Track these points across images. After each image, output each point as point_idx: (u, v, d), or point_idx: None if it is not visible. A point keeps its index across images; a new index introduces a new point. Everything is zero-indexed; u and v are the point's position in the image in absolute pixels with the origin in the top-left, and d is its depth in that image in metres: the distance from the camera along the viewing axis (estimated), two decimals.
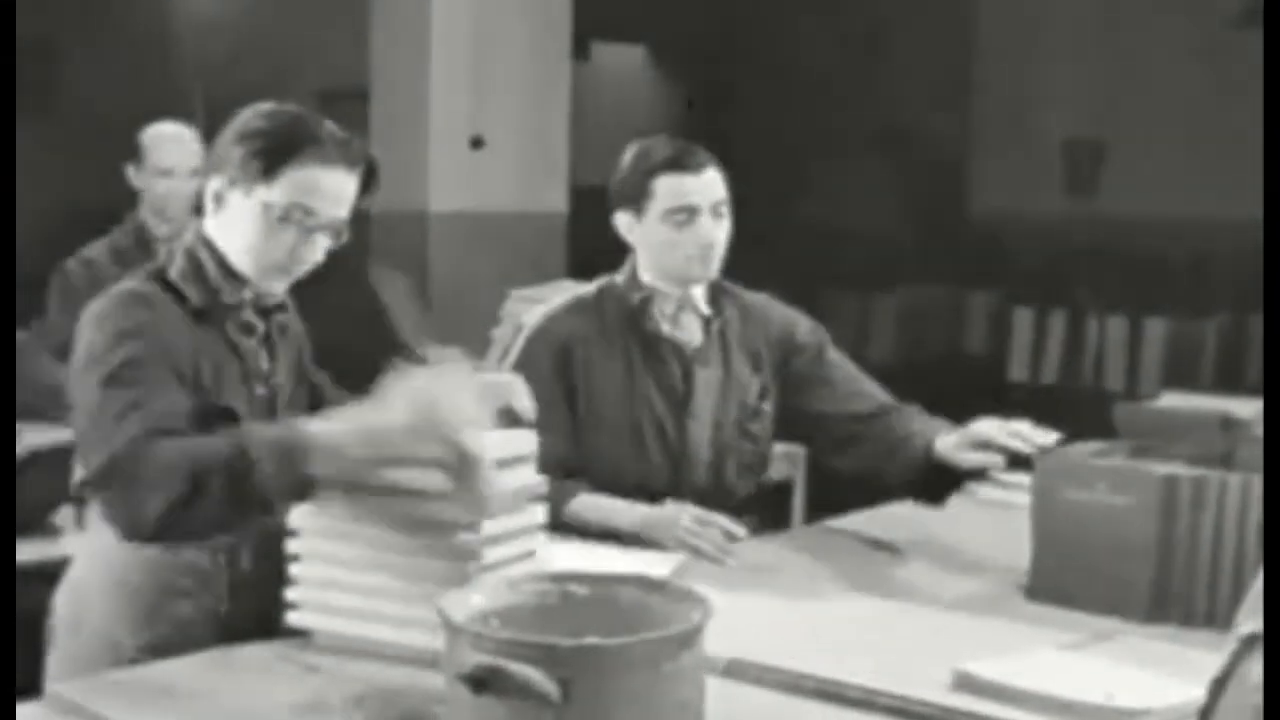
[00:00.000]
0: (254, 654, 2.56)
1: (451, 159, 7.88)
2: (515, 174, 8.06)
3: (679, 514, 3.35)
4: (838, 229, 10.82)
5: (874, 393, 3.71)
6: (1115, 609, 2.88)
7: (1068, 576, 2.99)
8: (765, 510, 3.67)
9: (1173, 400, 3.45)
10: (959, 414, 3.48)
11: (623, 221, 3.63)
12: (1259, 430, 3.17)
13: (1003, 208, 10.81)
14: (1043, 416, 3.30)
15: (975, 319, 10.61)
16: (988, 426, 3.33)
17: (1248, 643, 1.62)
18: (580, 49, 9.52)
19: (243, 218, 2.73)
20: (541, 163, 8.16)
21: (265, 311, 2.84)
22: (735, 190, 3.55)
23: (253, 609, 2.72)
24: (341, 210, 2.76)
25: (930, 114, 11.28)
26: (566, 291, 3.84)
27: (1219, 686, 1.66)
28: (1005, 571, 3.18)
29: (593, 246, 7.35)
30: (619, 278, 3.69)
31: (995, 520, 3.66)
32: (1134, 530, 2.90)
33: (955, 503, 3.79)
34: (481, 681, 1.88)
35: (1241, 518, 2.86)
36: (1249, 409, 3.28)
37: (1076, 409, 5.12)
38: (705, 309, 3.66)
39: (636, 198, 3.57)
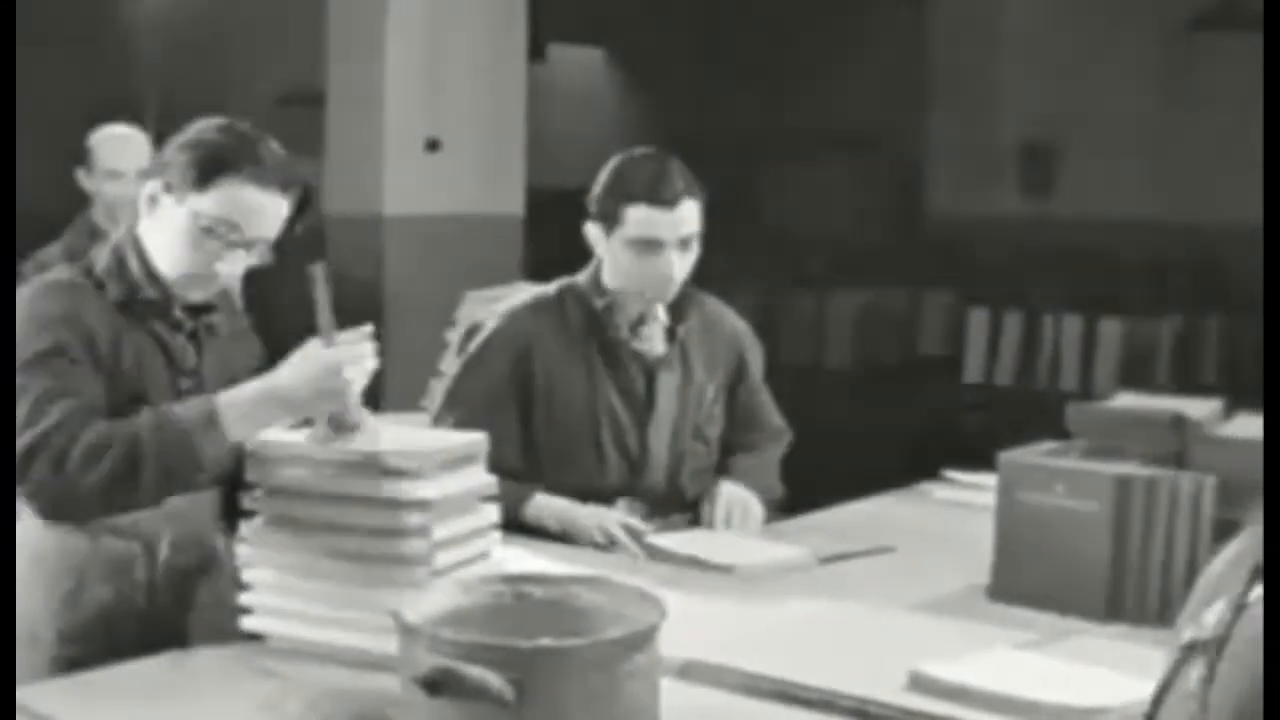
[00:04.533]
0: (210, 658, 2.56)
1: (407, 162, 7.85)
2: (471, 177, 8.04)
3: (604, 518, 3.45)
4: (795, 231, 10.85)
5: (756, 422, 3.87)
6: (1074, 609, 2.89)
7: (1027, 577, 3.00)
8: None
9: (1126, 400, 3.46)
10: (916, 414, 3.51)
11: (592, 232, 3.62)
12: (1212, 430, 3.19)
13: (959, 210, 10.85)
14: (998, 417, 3.33)
15: (931, 320, 10.64)
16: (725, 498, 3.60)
17: (1187, 650, 1.63)
18: (537, 51, 9.51)
19: (171, 223, 2.79)
20: (498, 165, 8.14)
21: (194, 310, 2.88)
22: None
23: (171, 598, 2.78)
24: (268, 231, 2.82)
25: (888, 117, 11.31)
26: (524, 292, 3.84)
27: (1161, 694, 1.68)
28: (965, 572, 3.19)
29: (549, 249, 7.34)
30: (581, 279, 3.69)
31: (954, 521, 3.68)
32: (1089, 531, 2.92)
33: (913, 503, 3.83)
34: (436, 684, 1.88)
35: (1194, 517, 2.89)
36: (1202, 409, 3.29)
37: (1032, 409, 5.14)
38: (665, 319, 3.67)
39: (607, 217, 3.56)
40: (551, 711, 1.90)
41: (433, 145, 7.94)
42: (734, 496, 3.60)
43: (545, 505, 3.48)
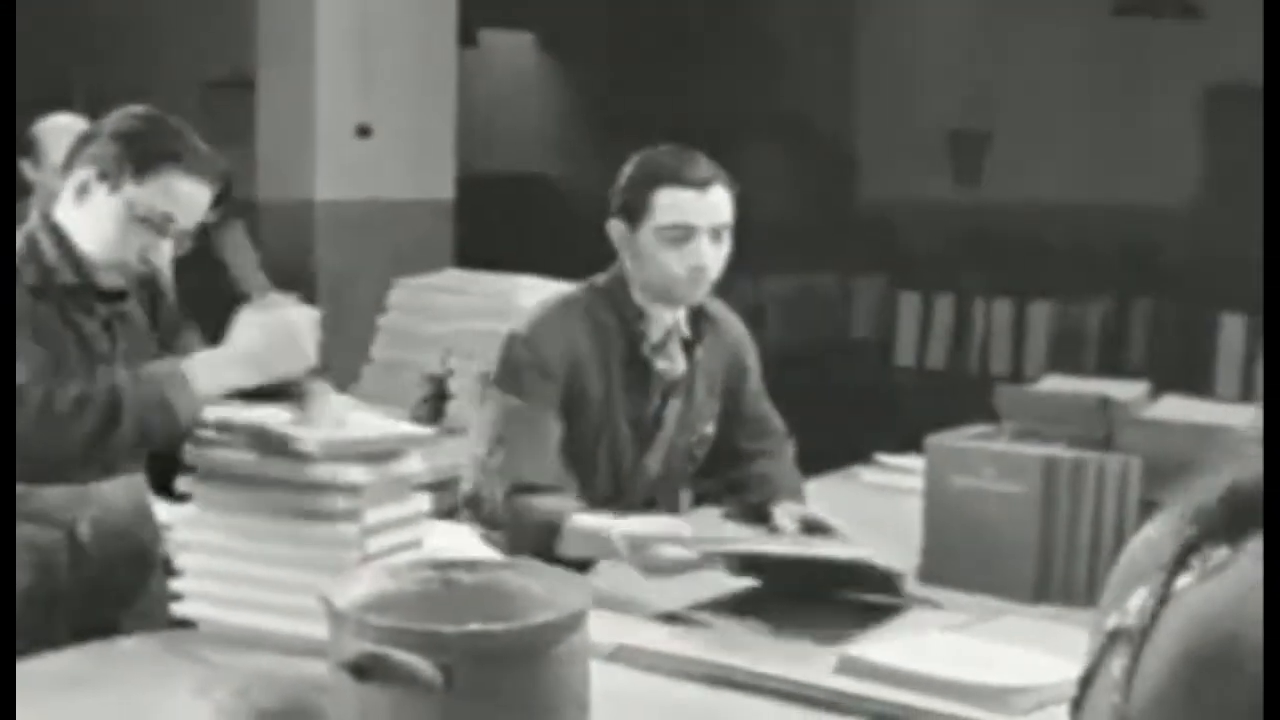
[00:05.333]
0: (140, 645, 2.55)
1: (338, 147, 7.83)
2: (402, 162, 8.03)
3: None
4: None
5: (766, 427, 3.67)
6: (1003, 590, 2.92)
7: (957, 559, 3.03)
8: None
9: (1053, 384, 3.49)
10: (848, 398, 3.52)
11: (616, 230, 3.36)
12: (1138, 412, 3.23)
13: (891, 196, 10.91)
14: (929, 400, 3.34)
15: (863, 304, 10.69)
16: (823, 519, 3.31)
17: (1111, 637, 1.65)
18: (468, 36, 9.49)
19: (104, 212, 2.80)
20: (428, 151, 8.13)
21: (106, 297, 2.89)
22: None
23: (97, 586, 2.79)
24: (193, 220, 2.85)
25: (821, 104, 11.35)
26: (551, 293, 3.57)
27: (1087, 681, 1.69)
28: (895, 554, 3.21)
29: (479, 233, 7.32)
30: (601, 280, 3.44)
31: (884, 504, 3.70)
32: (1017, 513, 2.94)
33: (843, 486, 3.85)
34: (364, 670, 1.88)
35: (1121, 498, 2.92)
36: (1128, 391, 3.32)
37: (962, 392, 5.17)
38: (687, 333, 3.47)
39: (633, 208, 3.32)
40: (480, 697, 1.90)
41: (364, 131, 7.92)
42: (794, 510, 3.39)
43: (586, 533, 3.08)
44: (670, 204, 3.28)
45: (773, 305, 10.49)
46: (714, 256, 3.33)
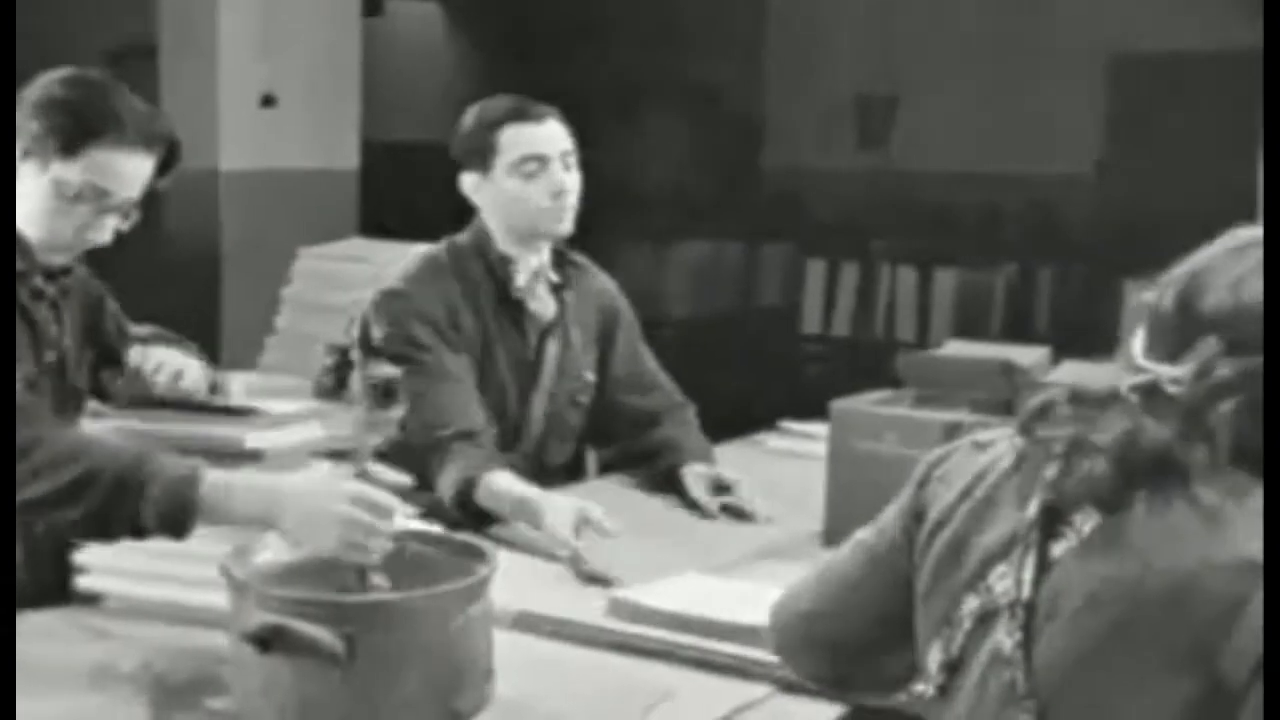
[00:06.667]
0: (42, 620, 2.52)
1: (242, 117, 7.76)
2: (307, 131, 7.96)
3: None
4: (634, 184, 10.85)
5: (662, 390, 3.76)
6: None
7: (860, 523, 3.02)
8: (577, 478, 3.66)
9: (955, 349, 3.52)
10: (755, 366, 3.53)
11: (469, 182, 3.48)
12: (1039, 377, 3.25)
13: (796, 162, 10.91)
14: (835, 366, 3.36)
15: (769, 271, 10.71)
16: (732, 479, 3.43)
17: (981, 620, 1.67)
18: (372, 5, 9.42)
19: (34, 192, 2.68)
20: (333, 120, 8.06)
21: (51, 275, 2.80)
22: None
23: (49, 575, 2.68)
24: (135, 192, 2.72)
25: (727, 71, 11.34)
26: (409, 256, 3.62)
27: (952, 669, 1.71)
28: (800, 519, 3.23)
29: (384, 203, 7.27)
30: (463, 238, 3.54)
31: (789, 469, 3.72)
32: None
33: (749, 452, 3.87)
34: (266, 640, 1.88)
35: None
36: (1030, 356, 3.35)
37: (869, 359, 5.20)
38: (554, 276, 3.57)
39: (481, 153, 3.44)
40: (383, 665, 1.90)
41: (268, 100, 7.85)
42: (707, 474, 3.48)
43: (502, 492, 3.19)
44: (517, 140, 3.41)
45: (679, 273, 10.49)
46: (572, 181, 3.47)
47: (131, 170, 2.69)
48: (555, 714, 2.19)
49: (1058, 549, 1.61)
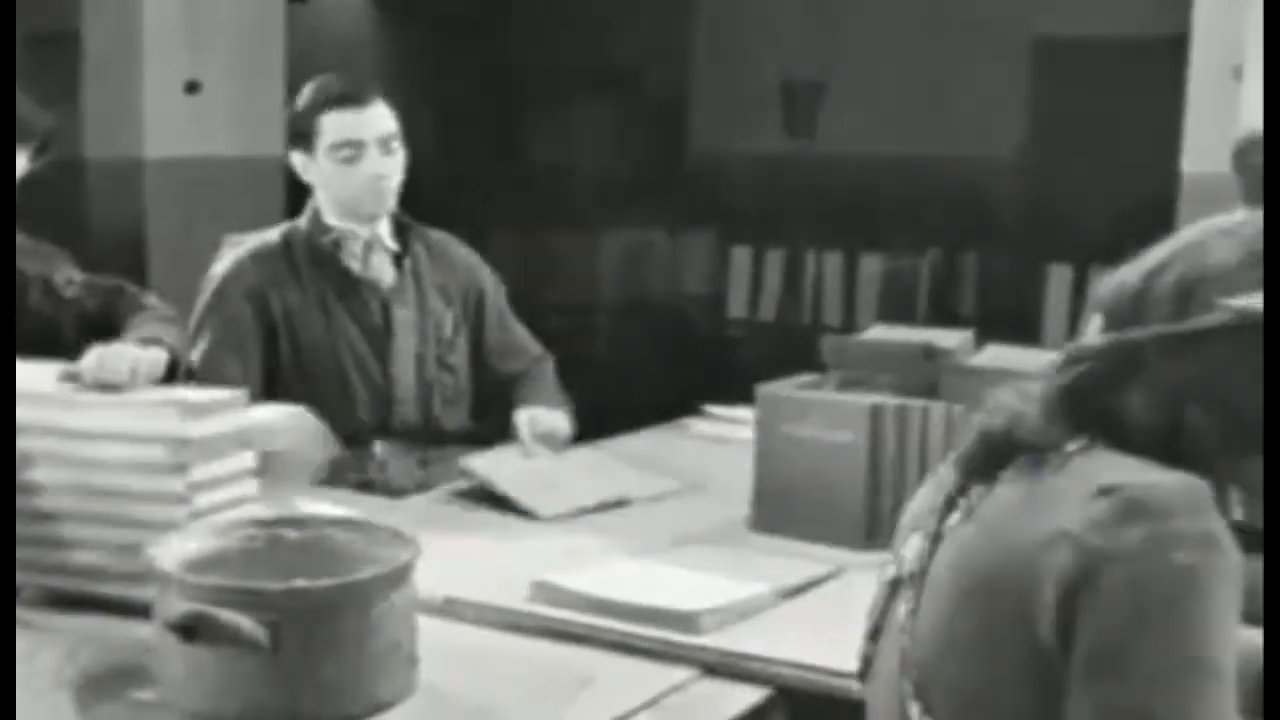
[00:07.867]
0: None
1: (166, 104, 7.71)
2: (232, 118, 7.92)
3: None
4: (560, 170, 10.83)
5: (526, 353, 3.92)
6: (834, 537, 2.96)
7: (788, 508, 3.06)
8: (487, 445, 3.67)
9: (880, 333, 3.54)
10: (681, 351, 3.55)
11: (298, 161, 3.69)
12: (963, 360, 3.28)
13: (721, 148, 10.91)
14: (762, 352, 3.39)
15: (695, 258, 10.72)
16: (550, 431, 3.60)
17: (892, 586, 1.71)
18: None
19: None
20: (258, 107, 8.02)
21: None
22: (458, 132, 3.56)
23: None
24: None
25: (651, 56, 11.33)
26: (250, 240, 3.80)
27: (876, 631, 1.75)
28: (726, 504, 3.24)
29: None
30: (302, 222, 3.72)
31: (715, 455, 3.73)
32: (845, 461, 2.98)
33: (675, 438, 3.88)
34: (190, 629, 1.88)
35: (946, 444, 2.96)
36: (953, 340, 3.38)
37: (795, 344, 5.22)
38: (393, 245, 3.72)
39: (306, 136, 3.64)
40: (307, 653, 1.90)
41: (192, 87, 7.80)
42: (535, 414, 3.63)
43: None
44: (338, 125, 3.58)
45: (604, 260, 10.49)
46: (390, 165, 3.63)
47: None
48: (480, 700, 2.19)
49: (949, 521, 1.66)
